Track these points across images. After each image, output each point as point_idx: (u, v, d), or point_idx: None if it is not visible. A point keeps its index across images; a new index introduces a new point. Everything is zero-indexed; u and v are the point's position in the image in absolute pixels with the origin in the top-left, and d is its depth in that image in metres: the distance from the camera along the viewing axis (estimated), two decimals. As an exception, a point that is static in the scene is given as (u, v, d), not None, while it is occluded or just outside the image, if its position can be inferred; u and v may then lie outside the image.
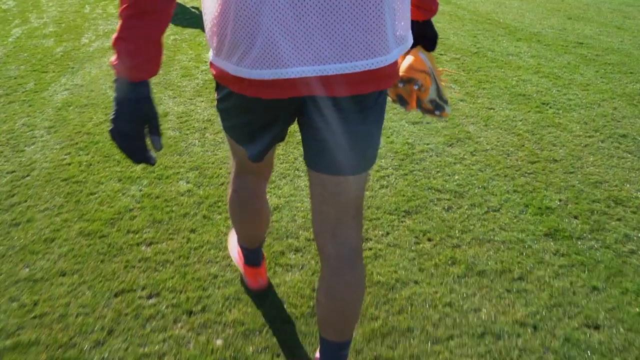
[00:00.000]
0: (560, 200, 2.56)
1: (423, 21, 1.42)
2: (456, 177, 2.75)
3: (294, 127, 1.45)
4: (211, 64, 1.19)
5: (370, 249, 2.21)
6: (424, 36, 1.44)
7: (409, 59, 1.42)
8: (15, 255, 2.17)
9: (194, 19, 5.82)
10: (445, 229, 2.34)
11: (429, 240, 2.27)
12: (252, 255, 1.88)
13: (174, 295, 1.97)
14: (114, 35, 1.03)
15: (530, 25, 5.94)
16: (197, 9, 6.31)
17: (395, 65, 1.17)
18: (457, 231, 2.33)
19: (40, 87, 3.92)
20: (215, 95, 1.29)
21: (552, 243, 2.27)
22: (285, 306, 1.93)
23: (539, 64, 4.60)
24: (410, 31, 1.20)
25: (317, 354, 1.55)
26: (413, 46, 1.45)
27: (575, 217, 2.45)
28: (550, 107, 3.65)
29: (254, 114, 1.20)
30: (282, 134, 1.29)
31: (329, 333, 1.41)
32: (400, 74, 1.41)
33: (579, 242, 2.28)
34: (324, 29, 1.03)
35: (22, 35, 5.33)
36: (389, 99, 1.46)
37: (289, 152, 2.97)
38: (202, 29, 5.36)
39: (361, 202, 1.32)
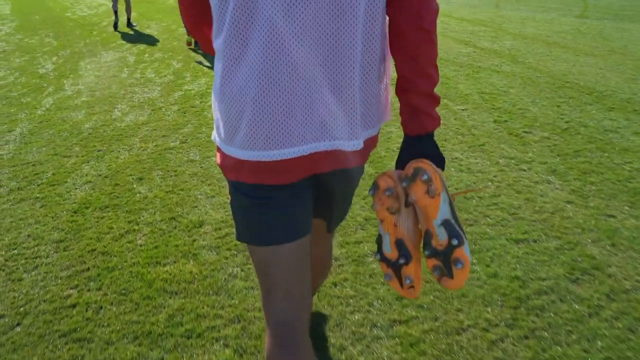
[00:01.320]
0: None
1: (426, 136, 1.15)
2: (599, 343, 1.91)
3: None
4: (218, 149, 1.20)
5: None
6: (427, 157, 1.14)
7: (413, 161, 1.14)
8: None
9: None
10: None
11: None
12: None
13: None
14: None
15: (618, 89, 5.09)
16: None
17: (366, 147, 1.17)
18: None
19: (59, 177, 3.30)
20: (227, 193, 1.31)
21: None
22: None
23: (648, 144, 3.75)
24: (380, 118, 1.18)
25: None
26: None
27: None
28: (688, 214, 2.79)
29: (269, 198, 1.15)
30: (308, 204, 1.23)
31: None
32: (403, 173, 1.14)
33: None
34: (305, 114, 1.06)
35: (52, 107, 4.80)
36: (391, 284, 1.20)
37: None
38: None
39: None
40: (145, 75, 5.84)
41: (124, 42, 8.16)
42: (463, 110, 4.45)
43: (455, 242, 1.06)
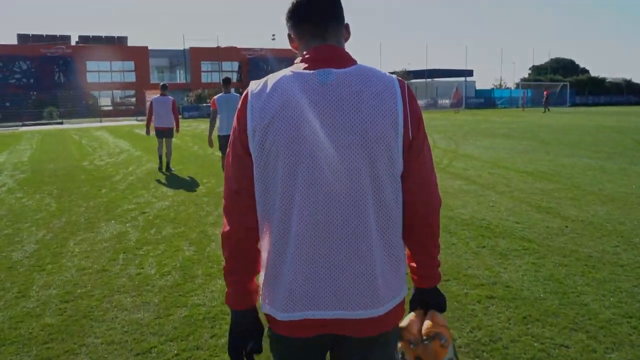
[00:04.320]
0: None
1: (430, 288, 1.46)
2: None
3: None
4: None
5: None
6: (433, 302, 1.47)
7: (429, 318, 1.43)
8: None
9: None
10: None
11: None
12: None
13: None
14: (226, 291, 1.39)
15: None
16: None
17: (389, 315, 1.35)
18: None
19: None
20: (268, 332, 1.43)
21: None
22: None
23: None
24: (402, 285, 1.39)
25: None
26: (426, 310, 1.47)
27: None
28: None
29: (294, 351, 1.40)
30: None
31: None
32: (424, 331, 1.41)
33: None
34: (330, 285, 1.29)
35: (-5, 337, 3.21)
36: None
37: None
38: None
39: None
40: (144, 270, 4.29)
41: (131, 206, 6.82)
42: (627, 364, 2.72)
43: None
